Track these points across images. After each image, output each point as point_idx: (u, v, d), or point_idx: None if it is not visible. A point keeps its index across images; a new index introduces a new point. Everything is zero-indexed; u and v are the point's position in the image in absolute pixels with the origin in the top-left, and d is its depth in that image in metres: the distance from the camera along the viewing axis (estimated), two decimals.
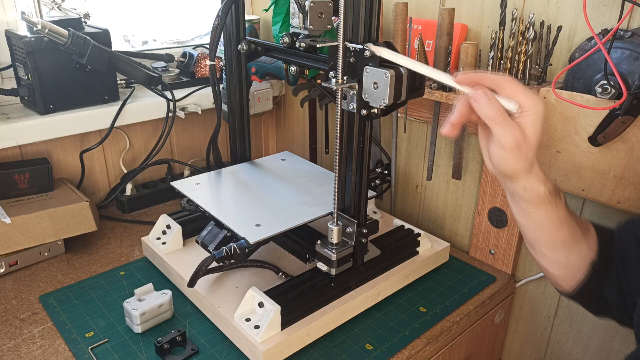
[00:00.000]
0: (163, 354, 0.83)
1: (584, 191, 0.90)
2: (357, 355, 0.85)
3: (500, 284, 1.06)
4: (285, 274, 0.96)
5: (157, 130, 1.36)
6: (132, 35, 1.43)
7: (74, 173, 1.27)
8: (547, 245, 0.70)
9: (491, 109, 0.57)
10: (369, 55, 0.75)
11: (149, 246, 1.06)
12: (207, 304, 0.90)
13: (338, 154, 0.83)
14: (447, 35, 1.00)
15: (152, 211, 1.32)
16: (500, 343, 1.18)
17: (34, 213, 1.04)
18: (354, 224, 0.88)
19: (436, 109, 1.12)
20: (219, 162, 1.22)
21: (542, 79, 0.94)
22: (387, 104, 0.75)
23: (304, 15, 0.85)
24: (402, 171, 1.28)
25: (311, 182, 1.07)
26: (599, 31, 0.86)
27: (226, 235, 0.91)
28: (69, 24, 1.09)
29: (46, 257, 1.09)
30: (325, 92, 1.09)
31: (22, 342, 0.87)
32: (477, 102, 0.58)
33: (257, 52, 1.05)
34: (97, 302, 0.96)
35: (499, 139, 0.58)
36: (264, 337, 0.81)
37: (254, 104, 1.42)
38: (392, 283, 0.98)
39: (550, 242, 0.70)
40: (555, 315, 1.09)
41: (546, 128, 0.91)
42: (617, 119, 0.81)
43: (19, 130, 1.07)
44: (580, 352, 1.07)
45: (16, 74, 1.14)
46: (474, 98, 0.59)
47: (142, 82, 1.18)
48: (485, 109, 0.57)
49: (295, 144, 1.58)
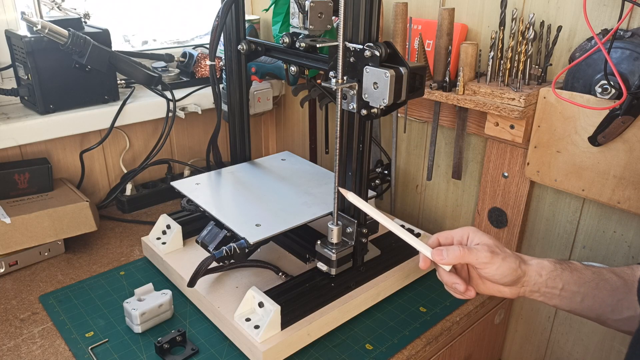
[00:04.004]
0: (163, 354, 0.83)
1: (584, 191, 0.90)
2: (357, 355, 0.85)
3: None
4: (285, 274, 0.96)
5: (157, 130, 1.36)
6: (132, 35, 1.43)
7: (74, 173, 1.27)
8: (607, 311, 0.68)
9: (452, 255, 0.66)
10: (369, 55, 0.75)
11: (149, 246, 1.06)
12: (207, 304, 0.90)
13: (338, 154, 0.83)
14: (447, 35, 1.00)
15: (152, 211, 1.32)
16: (500, 343, 1.18)
17: (34, 213, 1.04)
18: (354, 224, 0.88)
19: (436, 109, 1.12)
20: (219, 162, 1.21)
21: (542, 79, 0.94)
22: (387, 104, 0.75)
23: (304, 15, 0.85)
24: (402, 171, 1.28)
25: (311, 182, 1.07)
26: (599, 31, 0.86)
27: (226, 235, 0.91)
28: (69, 24, 1.09)
29: (46, 257, 1.09)
30: (325, 92, 1.09)
31: (22, 342, 0.87)
32: (441, 260, 0.66)
33: (257, 52, 1.05)
34: (97, 302, 0.96)
35: (478, 261, 0.65)
36: (264, 337, 0.81)
37: (254, 104, 1.42)
38: (392, 283, 0.98)
39: (606, 305, 0.68)
40: (555, 315, 1.09)
41: (546, 128, 0.91)
42: (617, 119, 0.81)
43: (19, 130, 1.07)
44: (580, 352, 1.07)
45: (16, 74, 1.14)
46: (435, 260, 0.67)
47: (142, 82, 1.18)
48: (450, 258, 0.66)
49: (295, 144, 1.58)
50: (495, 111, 0.93)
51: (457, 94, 0.98)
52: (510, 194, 1.05)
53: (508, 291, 0.69)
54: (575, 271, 0.68)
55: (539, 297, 0.69)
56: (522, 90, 0.91)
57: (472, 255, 0.65)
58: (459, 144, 1.11)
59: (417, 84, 0.79)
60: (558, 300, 0.69)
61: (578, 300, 0.68)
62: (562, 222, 1.02)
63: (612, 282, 0.68)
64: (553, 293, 0.68)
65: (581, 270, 0.69)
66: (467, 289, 0.67)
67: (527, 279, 0.67)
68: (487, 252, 0.65)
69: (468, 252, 0.65)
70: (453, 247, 0.66)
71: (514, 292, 0.69)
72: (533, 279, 0.67)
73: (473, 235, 0.69)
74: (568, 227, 1.02)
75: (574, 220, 1.01)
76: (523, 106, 0.89)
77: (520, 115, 0.90)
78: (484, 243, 0.67)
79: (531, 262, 0.68)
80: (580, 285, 0.68)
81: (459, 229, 0.70)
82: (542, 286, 0.68)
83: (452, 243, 0.69)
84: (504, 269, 0.65)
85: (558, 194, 1.01)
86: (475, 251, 0.65)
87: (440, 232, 0.71)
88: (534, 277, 0.67)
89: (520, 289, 0.68)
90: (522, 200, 1.04)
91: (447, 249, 0.66)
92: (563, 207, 1.02)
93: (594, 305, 0.68)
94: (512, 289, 0.68)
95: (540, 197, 1.04)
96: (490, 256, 0.65)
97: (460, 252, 0.65)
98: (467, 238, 0.69)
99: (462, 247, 0.66)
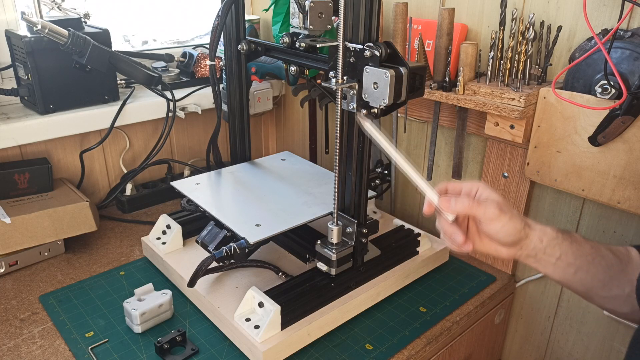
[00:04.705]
0: (163, 354, 0.83)
1: (584, 191, 0.90)
2: (357, 355, 0.85)
3: (500, 284, 1.06)
4: (285, 274, 0.96)
5: (157, 130, 1.36)
6: (132, 35, 1.43)
7: (74, 173, 1.27)
8: (598, 286, 0.69)
9: (460, 205, 0.64)
10: (369, 55, 0.75)
11: (149, 246, 1.06)
12: (207, 304, 0.90)
13: (338, 154, 0.83)
14: (447, 35, 1.00)
15: (152, 211, 1.32)
16: (500, 343, 1.18)
17: (34, 213, 1.04)
18: (354, 224, 0.88)
19: (436, 108, 1.12)
20: (219, 162, 1.21)
21: (542, 79, 0.94)
22: (387, 104, 0.75)
23: (304, 15, 0.85)
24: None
25: (311, 182, 1.07)
26: (599, 31, 0.86)
27: (226, 235, 0.91)
28: (69, 24, 1.09)
29: (46, 257, 1.09)
30: (325, 92, 1.09)
31: (22, 342, 0.87)
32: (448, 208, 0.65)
33: (257, 52, 1.05)
34: (97, 302, 0.96)
35: (486, 215, 0.64)
36: (264, 337, 0.81)
37: (254, 104, 1.42)
38: (392, 283, 0.98)
39: (597, 280, 0.68)
40: (555, 315, 1.09)
41: (546, 128, 0.91)
42: (617, 119, 0.81)
43: (19, 130, 1.07)
44: (580, 352, 1.07)
45: (16, 74, 1.14)
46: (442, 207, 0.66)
47: (142, 82, 1.18)
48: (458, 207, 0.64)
49: (295, 144, 1.57)
50: (495, 111, 0.93)
51: (457, 94, 0.98)
52: (510, 194, 1.05)
53: (505, 252, 0.68)
54: (575, 242, 0.68)
55: (534, 262, 0.68)
56: (522, 90, 0.91)
57: (481, 208, 0.64)
58: (459, 144, 1.11)
59: (417, 84, 0.79)
60: (552, 269, 0.68)
61: (571, 271, 0.68)
62: (562, 222, 1.02)
63: (608, 258, 0.68)
64: (548, 261, 0.68)
65: (581, 243, 0.68)
66: (466, 242, 0.66)
67: (528, 242, 0.67)
68: (495, 208, 0.64)
69: (477, 205, 0.64)
70: (462, 198, 0.65)
71: (510, 254, 0.68)
72: (533, 244, 0.67)
73: (482, 190, 0.67)
74: (568, 227, 1.02)
75: (574, 220, 1.01)
76: (523, 106, 0.89)
77: (520, 115, 0.90)
78: (493, 199, 0.65)
79: (535, 226, 0.67)
80: (577, 257, 0.68)
81: (468, 182, 0.69)
82: (540, 252, 0.67)
83: (459, 194, 0.68)
84: (509, 227, 0.64)
85: (558, 194, 1.02)
86: (484, 205, 0.64)
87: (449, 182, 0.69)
88: (535, 241, 0.67)
89: (518, 252, 0.68)
90: (522, 200, 1.04)
91: (456, 199, 0.65)
92: (563, 207, 1.02)
93: (586, 279, 0.68)
94: (509, 250, 0.67)
95: (540, 197, 1.04)
96: (498, 212, 0.63)
97: (469, 203, 0.64)
98: (475, 192, 0.67)
99: (471, 199, 0.65)
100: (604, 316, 1.01)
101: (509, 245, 0.67)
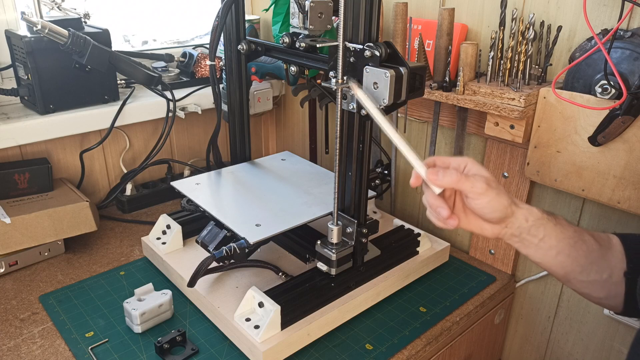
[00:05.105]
0: (163, 354, 0.83)
1: (584, 191, 0.90)
2: (357, 355, 0.85)
3: (500, 284, 1.06)
4: (285, 274, 0.96)
5: (157, 130, 1.36)
6: (132, 35, 1.43)
7: (74, 173, 1.27)
8: (577, 270, 0.69)
9: (448, 178, 0.63)
10: (369, 55, 0.75)
11: (149, 246, 1.06)
12: (207, 304, 0.90)
13: (338, 154, 0.83)
14: (447, 35, 1.00)
15: (152, 211, 1.32)
16: (500, 343, 1.18)
17: (34, 213, 1.04)
18: (354, 224, 0.88)
19: (436, 109, 1.12)
20: (219, 162, 1.22)
21: (542, 79, 0.94)
22: (387, 104, 0.75)
23: (304, 15, 0.85)
24: (402, 171, 1.28)
25: (311, 182, 1.07)
26: (599, 31, 0.86)
27: (226, 235, 0.91)
28: (69, 24, 1.09)
29: (46, 257, 1.09)
30: (325, 92, 1.09)
31: (22, 342, 0.87)
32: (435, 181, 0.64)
33: (257, 52, 1.05)
34: (97, 302, 0.96)
35: (473, 189, 0.64)
36: (264, 337, 0.81)
37: (254, 104, 1.42)
38: (392, 283, 0.98)
39: (577, 264, 0.69)
40: (555, 315, 1.09)
41: (546, 128, 0.91)
42: (617, 119, 0.81)
43: (19, 130, 1.07)
44: (580, 352, 1.07)
45: (16, 74, 1.14)
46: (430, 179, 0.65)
47: (142, 82, 1.18)
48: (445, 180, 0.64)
49: (295, 144, 1.58)
50: (495, 111, 0.93)
51: (457, 94, 0.98)
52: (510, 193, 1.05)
53: (490, 229, 0.68)
54: (559, 225, 0.68)
55: (517, 242, 0.68)
56: (522, 90, 0.91)
57: (468, 182, 0.63)
58: (459, 144, 1.11)
59: (417, 84, 0.79)
60: (533, 249, 0.68)
61: (553, 254, 0.68)
62: None
63: (589, 244, 0.69)
64: (531, 241, 0.68)
65: (565, 226, 0.68)
66: (451, 217, 0.65)
67: (513, 221, 0.67)
68: (483, 183, 0.63)
69: (465, 179, 0.63)
70: (450, 170, 0.64)
71: (495, 232, 0.68)
72: (518, 222, 0.67)
73: (471, 166, 0.67)
74: None
75: (574, 220, 1.01)
76: (523, 106, 0.89)
77: (520, 115, 0.90)
78: (482, 174, 0.65)
79: (522, 205, 0.67)
80: (560, 240, 0.68)
81: (457, 157, 0.68)
82: (525, 232, 0.67)
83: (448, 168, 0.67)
84: (495, 203, 0.64)
85: (558, 194, 1.01)
86: (472, 179, 0.63)
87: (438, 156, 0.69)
88: (521, 220, 0.67)
89: (502, 230, 0.67)
90: (522, 200, 1.04)
91: (444, 171, 0.64)
92: (563, 207, 1.02)
93: (566, 262, 0.68)
94: (494, 227, 0.67)
95: (540, 197, 1.04)
96: (486, 187, 0.63)
97: (457, 176, 0.63)
98: (464, 167, 0.67)
99: (459, 172, 0.64)
100: (604, 316, 1.01)
101: (494, 222, 0.67)
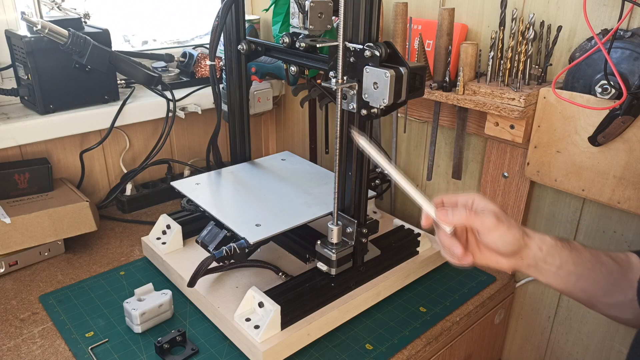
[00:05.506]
0: (163, 354, 0.83)
1: (584, 191, 0.90)
2: (357, 355, 0.85)
3: (500, 284, 1.06)
4: (285, 274, 0.96)
5: (157, 130, 1.36)
6: (132, 35, 1.43)
7: (74, 173, 1.27)
8: (600, 293, 0.68)
9: (458, 216, 0.64)
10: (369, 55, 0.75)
11: (149, 246, 1.06)
12: (207, 304, 0.90)
13: (338, 154, 0.83)
14: (447, 35, 1.00)
15: (152, 211, 1.32)
16: (500, 343, 1.18)
17: (34, 213, 1.04)
18: (354, 224, 0.88)
19: (436, 108, 1.12)
20: (219, 162, 1.21)
21: (542, 79, 0.94)
22: (387, 104, 0.75)
23: (304, 15, 0.85)
24: (402, 171, 1.27)
25: (311, 182, 1.07)
26: (599, 31, 0.86)
27: (226, 235, 0.91)
28: (69, 24, 1.09)
29: (46, 257, 1.09)
30: (325, 92, 1.09)
31: (22, 342, 0.87)
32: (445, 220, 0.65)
33: (257, 52, 1.05)
34: (97, 302, 0.96)
35: (483, 225, 0.64)
36: (264, 337, 0.81)
37: (254, 104, 1.42)
38: (392, 283, 0.98)
39: (599, 287, 0.68)
40: (555, 315, 1.09)
41: (546, 128, 0.91)
42: (617, 119, 0.81)
43: (19, 130, 1.07)
44: (580, 352, 1.07)
45: (16, 74, 1.14)
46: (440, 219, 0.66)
47: (142, 82, 1.18)
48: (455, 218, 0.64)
49: (295, 144, 1.57)
50: (495, 111, 0.93)
51: (457, 94, 0.98)
52: (510, 194, 1.05)
53: (506, 262, 0.67)
54: (575, 250, 0.68)
55: (535, 272, 0.68)
56: (522, 90, 0.91)
57: (478, 219, 0.64)
58: (459, 144, 1.11)
59: (417, 84, 0.79)
60: (553, 278, 0.68)
61: (573, 280, 0.67)
62: (562, 222, 1.02)
63: (608, 265, 0.68)
64: (549, 270, 0.67)
65: (580, 250, 0.68)
66: (465, 255, 0.66)
67: (527, 252, 0.66)
68: (492, 218, 0.63)
69: (474, 216, 0.64)
70: (459, 209, 0.65)
71: (511, 264, 0.68)
72: (533, 252, 0.66)
73: (478, 201, 0.67)
74: (568, 227, 1.02)
75: (574, 220, 1.01)
76: (523, 106, 0.89)
77: (520, 115, 0.90)
78: (490, 209, 0.65)
79: (534, 235, 0.67)
80: (578, 265, 0.67)
81: (464, 194, 0.68)
82: (541, 261, 0.67)
83: (456, 206, 0.68)
84: (508, 237, 0.64)
85: (558, 194, 1.01)
86: (481, 215, 0.64)
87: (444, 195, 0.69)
88: (535, 250, 0.66)
89: (519, 262, 0.67)
90: (522, 200, 1.04)
91: (453, 210, 0.65)
92: (563, 207, 1.02)
93: (587, 286, 0.68)
94: (509, 260, 0.67)
95: (540, 197, 1.04)
96: (496, 222, 0.63)
97: (466, 214, 0.64)
98: (471, 203, 0.67)
99: (468, 210, 0.64)
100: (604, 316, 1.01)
101: (509, 255, 0.67)
